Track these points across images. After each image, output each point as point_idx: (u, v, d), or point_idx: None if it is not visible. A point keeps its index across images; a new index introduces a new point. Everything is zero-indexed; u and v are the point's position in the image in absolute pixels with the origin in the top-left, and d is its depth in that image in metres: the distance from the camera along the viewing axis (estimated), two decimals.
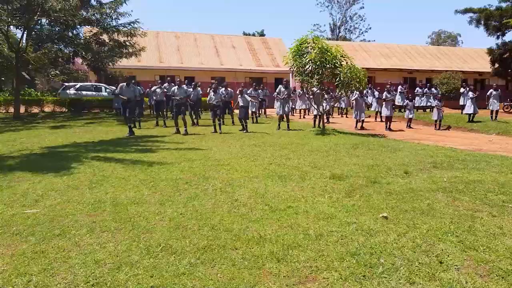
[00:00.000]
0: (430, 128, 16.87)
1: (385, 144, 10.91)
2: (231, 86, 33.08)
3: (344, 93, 13.64)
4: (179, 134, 12.88)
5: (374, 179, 6.53)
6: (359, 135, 13.43)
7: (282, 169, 7.39)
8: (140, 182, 6.40)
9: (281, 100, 14.39)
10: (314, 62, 12.92)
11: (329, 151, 9.57)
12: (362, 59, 37.11)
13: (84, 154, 9.17)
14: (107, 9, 17.41)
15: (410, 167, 7.59)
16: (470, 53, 42.15)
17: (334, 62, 12.94)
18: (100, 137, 12.41)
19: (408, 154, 9.20)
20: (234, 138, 12.10)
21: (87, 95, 23.67)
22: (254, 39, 37.60)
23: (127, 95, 12.55)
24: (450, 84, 33.02)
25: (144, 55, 31.10)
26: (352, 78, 12.88)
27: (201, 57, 32.33)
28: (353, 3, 49.23)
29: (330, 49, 12.97)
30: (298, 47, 13.26)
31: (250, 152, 9.41)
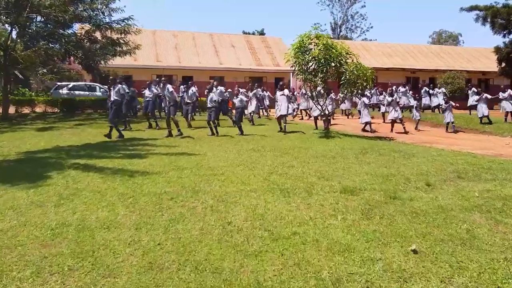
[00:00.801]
0: (438, 130, 15.84)
1: (397, 148, 9.89)
2: (231, 86, 32.14)
3: (350, 93, 12.57)
4: (172, 138, 11.85)
5: (393, 193, 5.51)
6: (366, 138, 12.41)
7: (285, 180, 6.37)
8: (117, 198, 5.38)
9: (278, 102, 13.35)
10: (318, 60, 11.90)
11: (336, 157, 8.55)
12: (364, 58, 36.01)
13: (63, 160, 8.15)
14: (98, 5, 16.37)
15: (431, 177, 6.56)
16: (473, 52, 41.13)
17: (339, 59, 11.91)
18: (87, 140, 11.38)
19: (425, 161, 8.18)
20: (231, 142, 11.08)
21: (80, 95, 22.65)
22: (253, 38, 36.57)
23: (112, 96, 11.54)
24: (454, 84, 32.02)
25: (141, 54, 30.09)
26: (359, 77, 11.87)
27: (200, 56, 31.30)
28: (354, 2, 48.24)
29: (335, 46, 11.94)
30: (301, 43, 12.23)
31: (248, 158, 8.39)
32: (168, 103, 11.89)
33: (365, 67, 12.18)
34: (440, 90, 22.36)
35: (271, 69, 31.84)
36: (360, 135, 13.50)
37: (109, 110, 12.33)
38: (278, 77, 32.80)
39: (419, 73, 36.37)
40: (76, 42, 16.25)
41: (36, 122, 17.43)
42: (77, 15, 15.71)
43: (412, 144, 11.32)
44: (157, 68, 29.43)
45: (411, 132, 14.99)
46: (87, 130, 13.92)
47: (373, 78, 12.45)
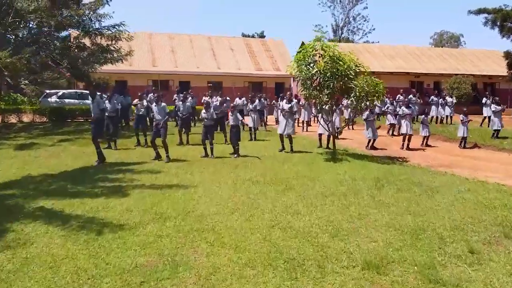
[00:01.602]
0: (452, 145, 14.53)
1: (415, 179, 8.57)
2: (229, 91, 30.74)
3: (359, 110, 11.23)
4: (161, 161, 10.52)
5: (431, 271, 4.20)
6: (377, 160, 11.08)
7: (290, 241, 5.06)
8: (71, 279, 4.07)
9: (282, 117, 12.02)
10: (323, 73, 10.57)
11: (348, 195, 7.23)
12: (367, 61, 34.61)
13: (27, 201, 6.84)
14: (85, 10, 15.02)
15: (471, 236, 5.26)
16: (478, 54, 39.81)
17: (347, 73, 10.59)
18: (65, 165, 10.06)
19: (453, 201, 6.87)
20: (227, 167, 9.76)
21: (70, 103, 21.35)
22: (253, 41, 35.23)
23: (93, 111, 10.23)
24: (461, 89, 30.73)
25: (136, 58, 28.77)
26: (369, 93, 10.56)
27: (197, 60, 29.98)
28: (356, 3, 46.81)
29: (342, 58, 10.62)
30: (304, 54, 10.91)
31: (246, 197, 7.07)
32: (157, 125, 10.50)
33: (376, 80, 10.85)
34: (451, 100, 20.86)
35: (271, 73, 30.53)
36: (368, 154, 12.20)
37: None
38: (278, 82, 31.51)
39: (424, 77, 35.07)
40: (61, 50, 14.91)
41: (20, 135, 16.14)
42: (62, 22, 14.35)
43: (429, 168, 10.02)
44: (153, 73, 28.14)
45: (422, 148, 13.69)
46: (69, 148, 12.60)
47: (384, 92, 11.11)
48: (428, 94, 35.99)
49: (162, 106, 10.59)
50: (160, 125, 10.42)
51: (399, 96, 20.60)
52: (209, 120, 10.91)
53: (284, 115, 11.90)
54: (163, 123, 10.43)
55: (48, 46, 15.62)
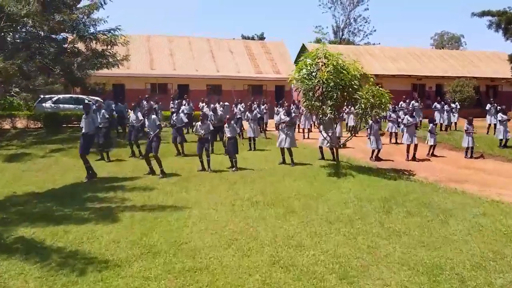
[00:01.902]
0: (458, 155, 13.94)
1: (424, 198, 7.99)
2: (228, 94, 30.12)
3: (365, 123, 10.63)
4: (155, 176, 9.94)
5: None
6: (383, 174, 10.50)
7: (292, 284, 4.50)
8: None
9: (281, 130, 11.41)
10: (326, 84, 10.00)
11: (354, 220, 6.66)
12: (368, 63, 34.15)
13: (7, 229, 6.26)
14: (78, 15, 14.41)
15: (494, 277, 4.69)
16: (480, 56, 39.23)
17: (352, 84, 10.01)
18: (54, 181, 9.49)
19: (469, 229, 6.30)
20: (225, 184, 9.18)
21: (66, 108, 20.75)
22: (253, 43, 34.61)
23: (85, 127, 9.67)
24: (463, 92, 30.17)
25: (134, 61, 28.19)
26: (375, 105, 9.98)
27: (196, 63, 29.38)
28: (357, 5, 46.11)
29: (347, 68, 10.03)
30: (306, 63, 10.33)
31: (244, 224, 6.49)
32: (151, 139, 9.90)
33: (381, 91, 10.27)
34: (454, 105, 20.18)
35: (271, 77, 29.92)
36: (373, 166, 11.62)
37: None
38: (279, 85, 30.90)
39: (425, 80, 34.49)
40: (55, 56, 14.30)
41: (12, 143, 15.55)
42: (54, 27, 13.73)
43: (438, 184, 9.44)
44: (151, 76, 27.56)
45: (428, 159, 13.11)
46: (61, 160, 12.02)
47: (390, 102, 10.54)
48: (430, 97, 35.52)
49: (153, 119, 9.98)
50: (151, 139, 9.83)
51: (402, 103, 19.93)
52: (204, 133, 10.33)
53: (283, 128, 11.31)
54: (155, 137, 9.84)
55: (41, 51, 15.02)
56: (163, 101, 27.75)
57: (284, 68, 31.15)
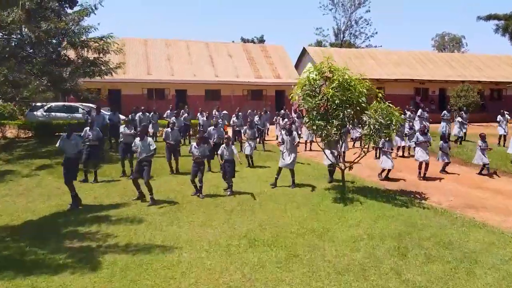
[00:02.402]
0: (469, 171, 13.07)
1: (443, 235, 7.10)
2: (227, 100, 29.13)
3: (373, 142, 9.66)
4: (145, 202, 9.04)
5: None
6: (393, 199, 9.59)
7: None
8: None
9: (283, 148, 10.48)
10: (331, 101, 9.11)
11: (366, 269, 5.78)
12: (370, 68, 33.29)
13: None
14: (68, 22, 13.44)
15: None
16: (484, 59, 38.31)
17: (359, 101, 9.11)
18: (34, 210, 8.61)
19: (500, 281, 5.43)
20: (221, 213, 8.30)
21: (58, 117, 19.87)
22: (252, 47, 33.67)
23: (67, 151, 8.77)
24: (468, 98, 29.22)
25: (131, 66, 27.32)
26: (385, 125, 9.07)
27: (194, 67, 28.48)
28: (358, 6, 45.13)
29: (355, 85, 9.13)
30: (309, 79, 9.42)
31: (240, 275, 5.60)
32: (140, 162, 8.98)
33: (390, 109, 9.35)
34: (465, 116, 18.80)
35: (271, 81, 29.01)
36: (381, 188, 10.72)
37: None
38: (279, 90, 30.01)
39: (429, 84, 33.60)
40: (43, 65, 13.38)
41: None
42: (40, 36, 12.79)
43: (455, 213, 8.56)
44: (148, 82, 26.66)
45: (441, 177, 12.22)
46: (45, 181, 11.12)
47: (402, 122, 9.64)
48: (433, 102, 34.60)
49: (149, 142, 9.07)
50: (143, 162, 8.93)
51: (409, 114, 18.89)
52: (200, 156, 9.44)
53: (285, 148, 10.40)
54: (146, 162, 8.94)
55: (29, 60, 14.11)
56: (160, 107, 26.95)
57: (285, 73, 30.26)
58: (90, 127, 11.07)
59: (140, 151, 8.96)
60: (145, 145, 8.95)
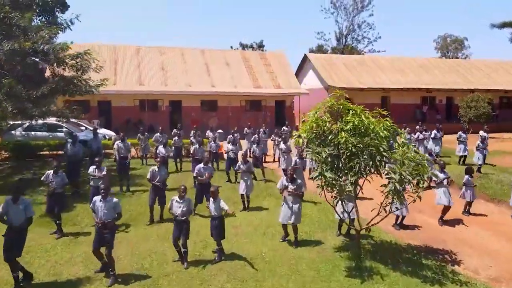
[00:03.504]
0: (500, 211, 11.20)
1: None
2: (224, 111, 27.07)
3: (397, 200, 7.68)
4: (111, 275, 7.08)
5: None
6: (420, 268, 7.65)
7: None
8: None
9: (285, 199, 8.53)
10: (345, 148, 7.18)
11: None
12: (374, 75, 31.34)
13: None
14: (36, 41, 11.40)
15: None
16: (492, 65, 36.33)
17: (380, 149, 7.16)
18: None
19: None
20: None
21: (38, 137, 17.96)
22: (251, 54, 31.65)
23: (12, 219, 6.79)
24: (479, 108, 27.26)
25: (121, 76, 25.36)
26: (414, 175, 7.11)
27: (189, 77, 26.52)
28: (361, 10, 43.00)
29: (374, 128, 7.18)
30: (317, 121, 7.46)
31: None
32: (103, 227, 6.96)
33: (417, 156, 7.39)
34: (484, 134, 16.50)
35: (271, 92, 27.04)
36: (401, 244, 8.79)
37: None
38: (279, 100, 28.10)
39: (436, 92, 31.64)
40: (10, 89, 11.41)
41: None
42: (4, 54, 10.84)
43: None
44: (139, 93, 24.70)
45: (463, 222, 10.32)
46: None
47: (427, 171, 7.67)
48: (439, 111, 32.59)
49: (114, 202, 7.10)
50: (106, 227, 6.96)
51: (419, 135, 16.89)
52: (185, 214, 7.52)
53: (287, 196, 8.48)
54: (108, 229, 6.96)
55: None
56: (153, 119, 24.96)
57: (285, 82, 28.30)
58: (55, 170, 9.10)
59: (100, 213, 6.99)
60: (109, 206, 6.98)
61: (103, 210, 6.93)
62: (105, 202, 6.96)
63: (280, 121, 27.37)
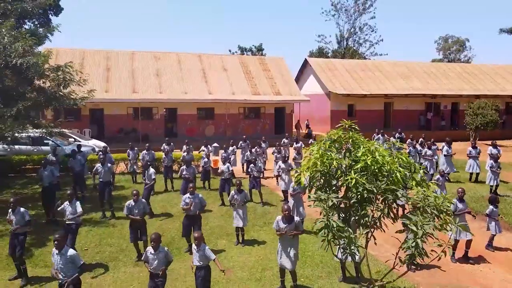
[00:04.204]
0: None
1: None
2: (222, 119, 25.76)
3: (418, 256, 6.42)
4: None
5: None
6: None
7: None
8: None
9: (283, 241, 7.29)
10: (354, 191, 5.91)
11: None
12: (377, 81, 30.05)
13: None
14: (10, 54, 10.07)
15: None
16: (499, 70, 35.02)
17: (397, 194, 5.89)
18: None
19: None
20: None
21: (22, 151, 16.73)
22: (249, 59, 30.36)
23: None
24: (486, 116, 25.99)
25: (114, 83, 24.11)
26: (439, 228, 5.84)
27: (185, 84, 25.26)
28: (363, 12, 41.59)
29: (390, 168, 5.90)
30: (322, 157, 6.19)
31: None
32: None
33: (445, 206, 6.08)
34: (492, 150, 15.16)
35: (270, 99, 25.77)
36: None
37: None
38: (278, 107, 26.83)
39: (441, 98, 30.36)
40: None
41: None
42: None
43: None
44: (133, 102, 23.43)
45: (485, 254, 9.04)
46: None
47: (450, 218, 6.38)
48: (444, 118, 31.31)
49: (71, 256, 5.81)
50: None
51: (427, 151, 15.42)
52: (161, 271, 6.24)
53: (283, 242, 7.22)
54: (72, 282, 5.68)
55: None
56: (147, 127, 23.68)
57: (285, 88, 27.04)
58: (13, 208, 7.77)
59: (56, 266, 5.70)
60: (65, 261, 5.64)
61: (59, 265, 5.67)
62: (60, 255, 5.70)
63: (280, 129, 26.16)
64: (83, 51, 25.48)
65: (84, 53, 25.32)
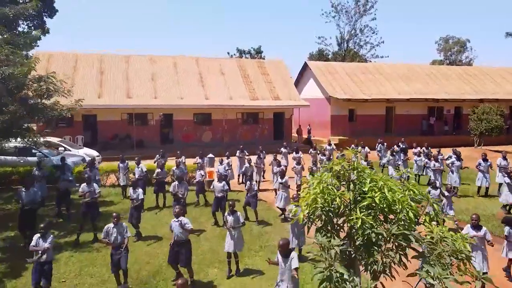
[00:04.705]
0: None
1: None
2: (219, 124, 24.82)
3: None
4: None
5: None
6: None
7: None
8: None
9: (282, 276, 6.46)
10: (361, 233, 5.06)
11: None
12: (378, 84, 29.17)
13: None
14: None
15: None
16: (502, 73, 34.14)
17: (410, 238, 5.04)
18: None
19: None
20: None
21: (8, 162, 15.88)
22: (248, 62, 29.46)
23: None
24: (490, 121, 25.13)
25: (109, 88, 23.24)
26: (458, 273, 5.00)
27: (181, 88, 24.39)
28: (363, 14, 40.68)
29: (401, 207, 5.05)
30: (323, 193, 5.33)
31: None
32: None
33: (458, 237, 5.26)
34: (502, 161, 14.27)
35: (269, 104, 24.90)
36: None
37: None
38: (277, 112, 25.96)
39: (443, 102, 29.45)
40: None
41: None
42: None
43: None
44: (127, 108, 22.57)
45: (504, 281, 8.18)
46: None
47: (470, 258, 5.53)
48: (447, 123, 30.39)
49: None
50: None
51: (434, 163, 14.45)
52: None
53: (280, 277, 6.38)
54: None
55: None
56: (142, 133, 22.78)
57: (284, 92, 26.17)
58: None
59: None
60: None
61: None
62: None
63: (279, 135, 25.32)
64: (76, 54, 24.62)
65: (77, 56, 24.46)
